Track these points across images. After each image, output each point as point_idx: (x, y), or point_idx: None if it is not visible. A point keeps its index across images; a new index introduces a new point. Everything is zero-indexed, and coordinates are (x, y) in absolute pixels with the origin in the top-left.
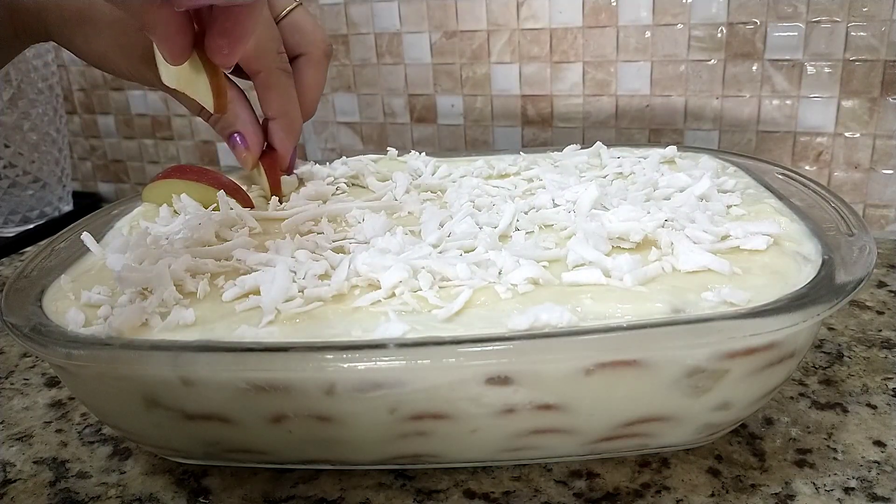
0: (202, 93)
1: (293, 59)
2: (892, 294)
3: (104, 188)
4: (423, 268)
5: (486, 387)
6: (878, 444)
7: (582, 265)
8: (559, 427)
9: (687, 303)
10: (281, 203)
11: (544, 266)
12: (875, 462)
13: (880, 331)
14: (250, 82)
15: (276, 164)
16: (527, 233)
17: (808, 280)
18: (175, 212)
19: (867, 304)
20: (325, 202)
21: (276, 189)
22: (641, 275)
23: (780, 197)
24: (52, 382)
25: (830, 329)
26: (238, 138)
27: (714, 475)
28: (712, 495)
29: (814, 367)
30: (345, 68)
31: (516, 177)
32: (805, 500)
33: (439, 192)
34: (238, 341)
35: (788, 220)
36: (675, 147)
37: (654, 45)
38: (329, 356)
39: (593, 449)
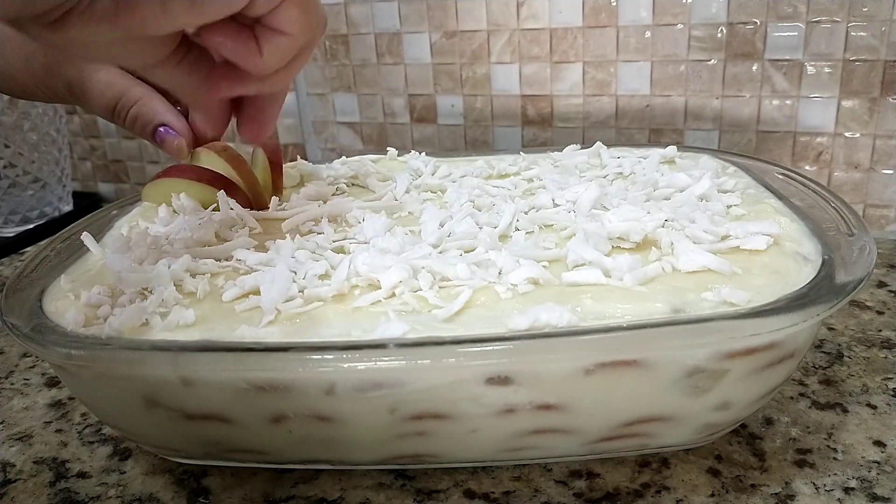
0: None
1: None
2: (892, 294)
3: (104, 188)
4: (423, 268)
5: (486, 387)
6: (878, 444)
7: (582, 265)
8: (559, 427)
9: (687, 303)
10: (280, 202)
11: (544, 266)
12: (875, 462)
13: (880, 331)
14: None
15: (278, 157)
16: (527, 233)
17: (808, 280)
18: (174, 211)
19: (867, 304)
20: (325, 202)
21: (279, 183)
22: (641, 275)
23: (780, 197)
24: (52, 382)
25: (830, 329)
26: (164, 130)
27: (714, 475)
28: (712, 495)
29: (814, 367)
30: (345, 68)
31: (516, 177)
32: (805, 500)
33: (439, 192)
34: (238, 341)
35: (788, 220)
36: (675, 147)
37: (654, 45)
38: (329, 356)
39: (593, 449)
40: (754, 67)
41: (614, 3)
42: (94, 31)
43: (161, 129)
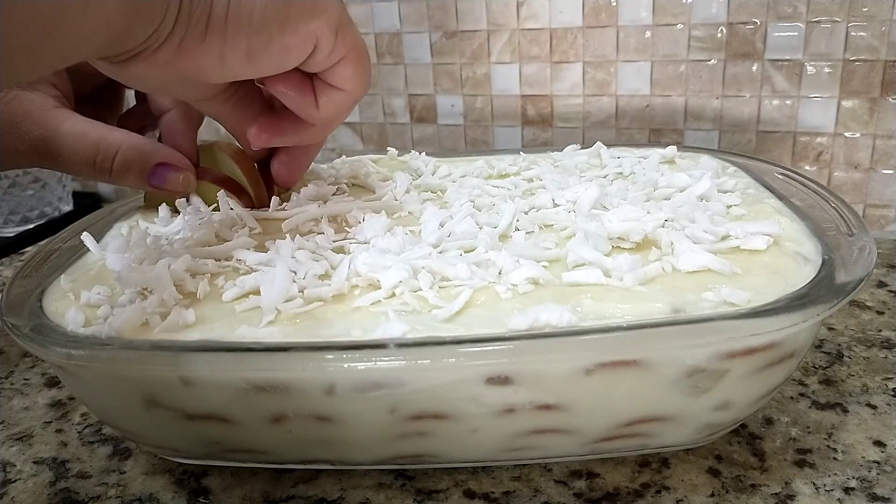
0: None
1: None
2: (892, 294)
3: (104, 188)
4: (423, 268)
5: (487, 387)
6: (878, 444)
7: (582, 265)
8: (559, 427)
9: (687, 303)
10: (281, 203)
11: (544, 266)
12: (875, 462)
13: (880, 331)
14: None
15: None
16: (527, 233)
17: (808, 280)
18: (175, 211)
19: (867, 304)
20: (325, 202)
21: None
22: (641, 275)
23: (780, 197)
24: (52, 382)
25: (830, 329)
26: (163, 169)
27: (714, 475)
28: (712, 495)
29: (814, 367)
30: None
31: (516, 177)
32: (805, 500)
33: (439, 192)
34: (238, 341)
35: (788, 220)
36: (675, 147)
37: (654, 45)
38: (329, 356)
39: (593, 449)
40: (754, 67)
41: (614, 3)
42: (155, 74)
43: (159, 168)
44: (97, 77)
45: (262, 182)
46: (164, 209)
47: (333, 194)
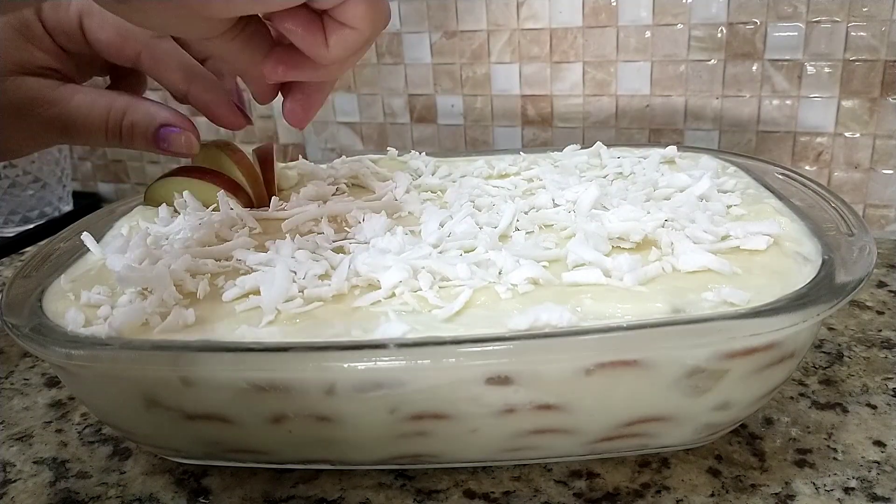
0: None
1: None
2: (892, 294)
3: (104, 188)
4: (423, 268)
5: (487, 387)
6: (878, 444)
7: (582, 265)
8: (559, 427)
9: (687, 303)
10: (280, 202)
11: (544, 266)
12: (875, 462)
13: (880, 331)
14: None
15: (270, 158)
16: (527, 233)
17: (808, 280)
18: (175, 211)
19: (867, 304)
20: (325, 202)
21: (272, 181)
22: (641, 275)
23: (780, 197)
24: (52, 382)
25: (830, 329)
26: (166, 130)
27: (714, 475)
28: (712, 495)
29: (814, 367)
30: None
31: (516, 177)
32: (805, 500)
33: (439, 192)
34: (238, 341)
35: (788, 220)
36: (675, 147)
37: (654, 45)
38: (329, 356)
39: (593, 449)
40: (754, 67)
41: (614, 3)
42: (158, 8)
43: (162, 130)
44: (101, 57)
45: (262, 181)
46: (164, 209)
47: (333, 194)
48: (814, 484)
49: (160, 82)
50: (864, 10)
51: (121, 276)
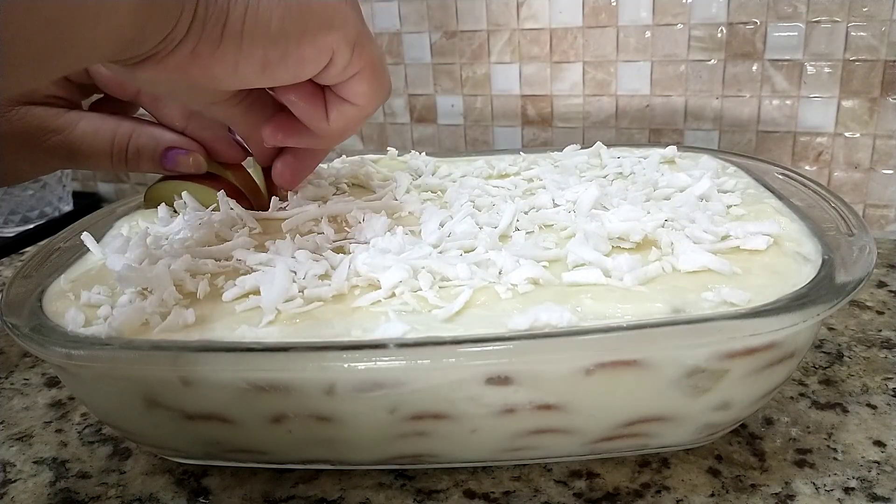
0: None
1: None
2: (892, 294)
3: (104, 188)
4: (423, 268)
5: (487, 387)
6: (878, 444)
7: (582, 265)
8: (559, 427)
9: (687, 303)
10: (281, 202)
11: (544, 266)
12: (875, 462)
13: (880, 331)
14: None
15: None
16: (527, 233)
17: (808, 280)
18: (175, 211)
19: (867, 304)
20: (325, 202)
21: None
22: (641, 275)
23: (780, 197)
24: (52, 382)
25: (830, 329)
26: (174, 153)
27: (714, 475)
28: (712, 495)
29: (814, 367)
30: None
31: (516, 177)
32: (805, 500)
33: (439, 192)
34: (238, 341)
35: (788, 220)
36: (675, 147)
37: (654, 45)
38: (329, 356)
39: (593, 449)
40: (754, 67)
41: (614, 3)
42: (166, 78)
43: (169, 152)
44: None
45: (262, 194)
46: (163, 209)
47: (333, 194)
48: (814, 484)
49: (158, 118)
50: (864, 10)
51: (121, 276)
